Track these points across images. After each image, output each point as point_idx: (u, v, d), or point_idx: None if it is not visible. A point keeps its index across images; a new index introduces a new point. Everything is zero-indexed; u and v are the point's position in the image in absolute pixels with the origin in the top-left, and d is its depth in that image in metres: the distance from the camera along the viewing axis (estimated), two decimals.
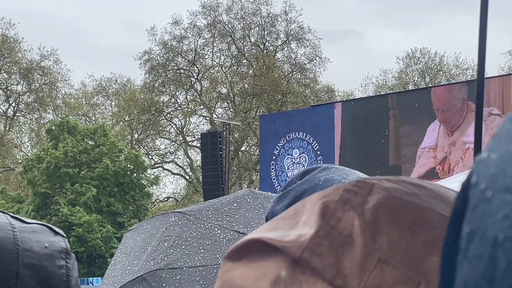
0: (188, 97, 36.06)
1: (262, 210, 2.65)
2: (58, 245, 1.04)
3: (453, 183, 6.86)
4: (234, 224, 2.61)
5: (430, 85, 30.60)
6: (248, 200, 2.71)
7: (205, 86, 35.57)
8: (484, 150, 0.42)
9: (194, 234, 2.59)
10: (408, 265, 0.57)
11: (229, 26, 35.24)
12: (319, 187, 1.14)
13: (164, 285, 2.54)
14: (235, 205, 2.68)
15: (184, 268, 2.55)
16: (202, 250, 2.54)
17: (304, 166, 17.08)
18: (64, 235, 1.08)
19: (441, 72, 35.99)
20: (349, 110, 16.50)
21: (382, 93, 32.03)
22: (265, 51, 35.19)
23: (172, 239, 2.59)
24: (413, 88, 31.46)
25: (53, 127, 28.01)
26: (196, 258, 2.54)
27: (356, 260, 0.58)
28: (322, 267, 0.58)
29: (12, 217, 1.04)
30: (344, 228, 0.60)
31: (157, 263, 2.58)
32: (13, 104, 36.95)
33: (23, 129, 37.72)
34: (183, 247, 2.56)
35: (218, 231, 2.58)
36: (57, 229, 1.08)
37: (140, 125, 36.28)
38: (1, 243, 0.97)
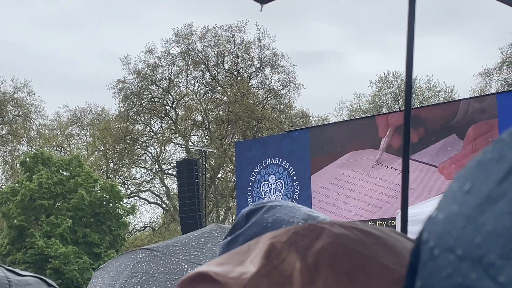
0: (163, 125, 36.02)
1: None
2: None
3: (426, 207, 6.89)
4: (201, 258, 2.63)
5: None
6: (216, 234, 2.74)
7: (180, 114, 35.56)
8: (435, 209, 0.45)
9: (162, 269, 2.61)
10: None
11: (203, 53, 35.37)
12: (268, 229, 1.10)
13: None
14: (202, 240, 2.70)
15: None
16: (169, 285, 2.56)
17: (280, 191, 17.13)
18: (57, 286, 1.10)
19: (414, 95, 36.35)
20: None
21: (357, 117, 32.28)
22: (239, 78, 35.33)
23: (140, 275, 2.60)
24: (387, 111, 31.73)
25: (28, 159, 27.80)
26: None
27: None
28: None
29: (6, 269, 1.06)
30: (286, 269, 0.62)
31: None
32: None
33: None
34: (150, 282, 2.57)
35: (186, 266, 2.59)
36: (50, 281, 1.10)
37: (116, 155, 36.11)
38: None
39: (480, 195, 0.42)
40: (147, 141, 36.33)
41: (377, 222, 14.14)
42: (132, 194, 36.72)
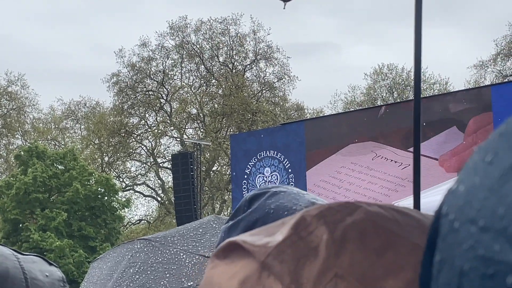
0: (158, 118, 36.00)
1: None
2: (56, 274, 1.11)
3: (435, 195, 6.91)
4: (199, 248, 2.63)
5: (399, 101, 30.92)
6: (214, 225, 2.73)
7: (175, 107, 35.54)
8: (455, 181, 0.45)
9: (160, 259, 2.60)
10: (363, 284, 0.60)
11: (198, 46, 35.33)
12: (270, 216, 1.08)
13: None
14: (200, 230, 2.70)
15: None
16: (167, 275, 2.55)
17: (276, 184, 17.16)
18: (57, 266, 1.14)
19: (409, 87, 36.38)
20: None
21: (352, 109, 32.30)
22: (234, 71, 35.31)
23: (138, 265, 2.59)
24: (382, 104, 31.75)
25: (22, 153, 27.77)
26: (162, 283, 2.55)
27: (314, 272, 0.60)
28: (281, 273, 0.62)
29: (11, 249, 1.10)
30: (312, 241, 0.63)
31: None
32: None
33: None
34: (149, 272, 2.57)
35: (184, 256, 2.59)
36: (50, 261, 1.14)
37: (110, 148, 36.08)
38: (12, 273, 1.03)
39: (503, 166, 0.41)
40: (142, 134, 36.31)
41: None
42: (127, 187, 36.71)
